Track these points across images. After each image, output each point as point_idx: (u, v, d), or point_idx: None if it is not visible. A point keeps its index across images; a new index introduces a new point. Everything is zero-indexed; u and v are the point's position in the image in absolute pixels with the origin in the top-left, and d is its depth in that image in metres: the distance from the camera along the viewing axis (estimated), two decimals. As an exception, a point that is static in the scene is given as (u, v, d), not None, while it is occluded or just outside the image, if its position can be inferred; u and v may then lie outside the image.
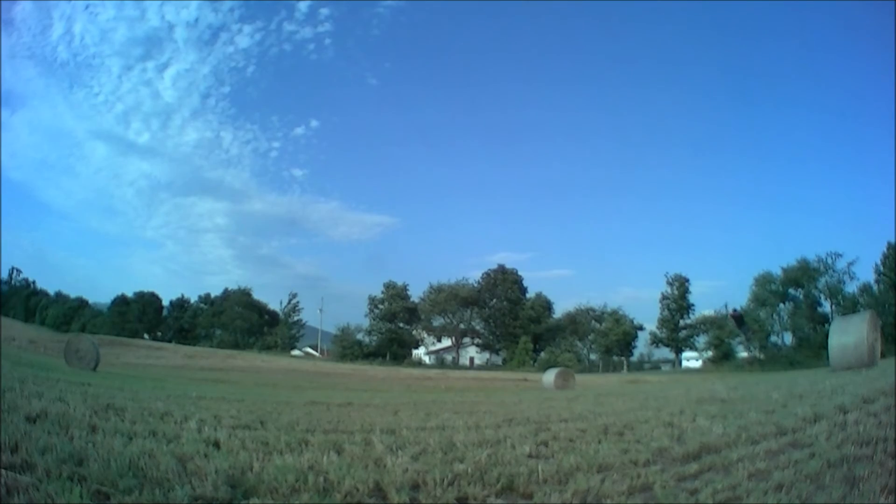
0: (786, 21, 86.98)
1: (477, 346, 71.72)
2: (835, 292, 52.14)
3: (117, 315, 73.91)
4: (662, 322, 63.95)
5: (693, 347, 62.97)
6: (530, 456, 5.01)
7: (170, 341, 67.19)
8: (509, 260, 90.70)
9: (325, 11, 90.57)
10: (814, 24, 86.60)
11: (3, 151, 71.63)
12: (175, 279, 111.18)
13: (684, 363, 62.96)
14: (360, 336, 68.36)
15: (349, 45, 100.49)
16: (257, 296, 75.34)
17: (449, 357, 69.90)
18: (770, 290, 54.24)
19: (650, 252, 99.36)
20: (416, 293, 70.87)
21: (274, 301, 76.50)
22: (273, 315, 74.85)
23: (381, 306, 69.19)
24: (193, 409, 7.95)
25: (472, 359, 70.03)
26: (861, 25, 78.76)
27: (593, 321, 69.05)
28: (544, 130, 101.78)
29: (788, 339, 54.68)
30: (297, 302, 74.54)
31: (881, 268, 50.94)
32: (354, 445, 5.30)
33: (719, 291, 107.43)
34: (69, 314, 75.92)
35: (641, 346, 67.25)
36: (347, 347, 65.64)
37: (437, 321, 71.51)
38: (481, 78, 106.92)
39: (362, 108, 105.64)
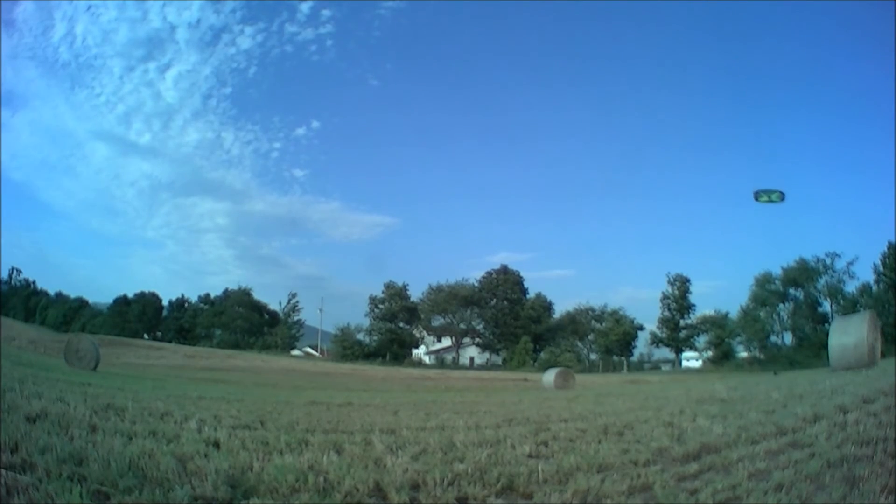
0: (786, 21, 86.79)
1: (477, 346, 71.69)
2: (834, 292, 52.11)
3: (117, 315, 73.84)
4: (663, 322, 63.90)
5: (693, 347, 62.98)
6: (530, 456, 5.01)
7: (170, 341, 67.10)
8: (509, 260, 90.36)
9: (326, 13, 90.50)
10: (814, 24, 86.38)
11: (4, 152, 71.65)
12: (175, 279, 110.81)
13: (684, 363, 62.96)
14: (360, 336, 68.39)
15: (350, 46, 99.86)
16: (257, 296, 75.36)
17: (449, 357, 69.87)
18: (770, 290, 54.23)
19: (650, 252, 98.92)
20: (416, 293, 71.00)
21: (274, 301, 76.50)
22: (273, 315, 74.82)
23: (381, 306, 69.18)
24: (193, 409, 7.95)
25: (472, 359, 69.99)
26: (861, 25, 78.53)
27: (593, 321, 69.02)
28: (544, 130, 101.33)
29: (788, 339, 54.80)
30: (297, 302, 74.60)
31: (881, 268, 50.91)
32: (354, 445, 5.30)
33: (719, 291, 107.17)
34: (69, 314, 75.86)
35: (641, 346, 67.27)
36: (347, 347, 65.58)
37: (437, 321, 71.53)
38: (482, 78, 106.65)
39: (363, 109, 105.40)
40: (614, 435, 6.26)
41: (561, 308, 72.07)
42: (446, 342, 72.41)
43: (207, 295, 77.82)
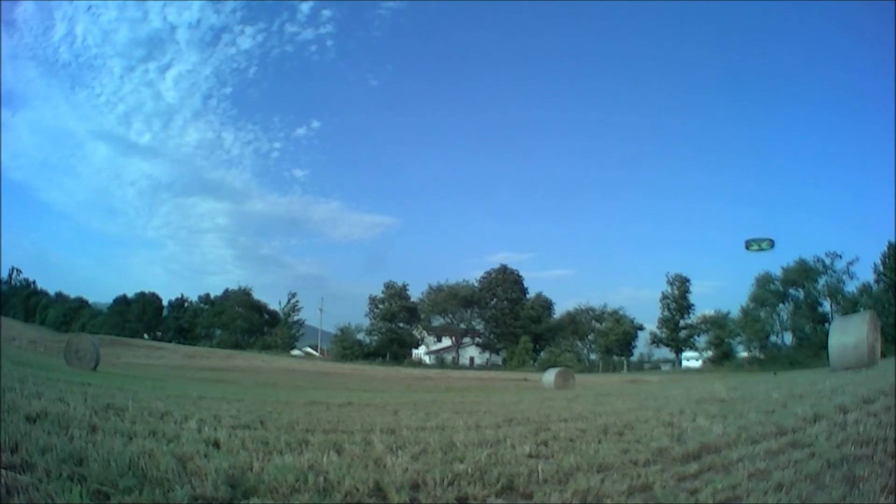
0: (785, 21, 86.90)
1: (477, 345, 71.71)
2: (834, 292, 52.13)
3: (117, 315, 73.88)
4: (662, 322, 63.96)
5: (693, 347, 63.01)
6: (530, 456, 5.01)
7: (170, 341, 67.15)
8: (509, 260, 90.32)
9: (326, 13, 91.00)
10: (814, 24, 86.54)
11: (4, 152, 71.80)
12: (175, 279, 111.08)
13: (684, 363, 62.99)
14: (360, 336, 68.45)
15: (351, 46, 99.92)
16: (257, 296, 75.43)
17: (449, 357, 69.88)
18: (770, 290, 54.25)
19: (650, 252, 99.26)
20: (416, 293, 71.04)
21: (274, 301, 76.56)
22: (273, 315, 74.83)
23: (381, 306, 69.18)
24: (193, 409, 7.95)
25: (472, 359, 70.02)
26: (861, 25, 78.71)
27: (593, 321, 69.05)
28: (544, 130, 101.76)
29: (788, 339, 54.81)
30: (297, 302, 74.64)
31: (881, 268, 50.93)
32: (354, 445, 5.30)
33: (719, 291, 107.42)
34: (69, 314, 75.85)
35: (641, 346, 67.35)
36: (347, 347, 65.63)
37: (437, 321, 71.55)
38: (482, 78, 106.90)
39: (363, 109, 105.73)
40: (614, 435, 6.26)
41: (561, 308, 72.30)
42: (446, 342, 72.44)
43: (207, 295, 78.01)
